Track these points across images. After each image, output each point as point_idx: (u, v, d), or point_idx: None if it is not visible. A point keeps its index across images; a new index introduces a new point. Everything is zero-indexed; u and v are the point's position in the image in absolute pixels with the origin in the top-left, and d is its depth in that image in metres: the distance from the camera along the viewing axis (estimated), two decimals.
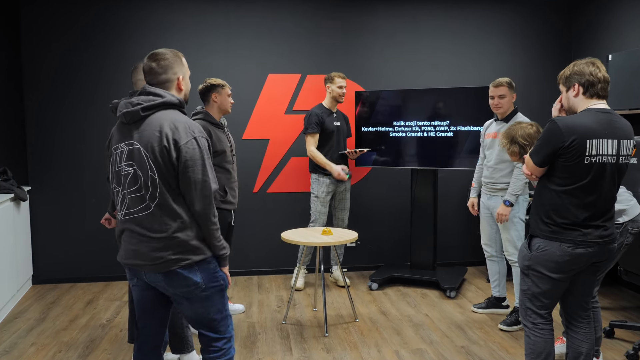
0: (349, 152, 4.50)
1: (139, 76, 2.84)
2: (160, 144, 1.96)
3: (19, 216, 4.35)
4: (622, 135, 2.26)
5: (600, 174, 2.24)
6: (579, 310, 2.48)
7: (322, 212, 4.49)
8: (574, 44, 5.24)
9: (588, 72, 2.28)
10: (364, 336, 3.56)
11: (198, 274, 2.06)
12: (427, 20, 5.08)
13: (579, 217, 2.26)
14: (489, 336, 3.54)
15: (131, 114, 2.01)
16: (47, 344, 3.45)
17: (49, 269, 4.76)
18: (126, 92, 4.69)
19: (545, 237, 2.32)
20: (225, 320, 2.19)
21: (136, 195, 2.02)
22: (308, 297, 4.36)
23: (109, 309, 4.11)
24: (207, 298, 2.10)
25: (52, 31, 4.62)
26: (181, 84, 2.11)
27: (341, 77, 4.44)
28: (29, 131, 4.65)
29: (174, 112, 2.04)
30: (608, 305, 4.10)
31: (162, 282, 2.06)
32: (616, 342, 3.40)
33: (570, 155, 2.22)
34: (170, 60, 2.07)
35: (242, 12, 4.83)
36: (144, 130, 1.99)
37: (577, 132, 2.20)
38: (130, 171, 2.01)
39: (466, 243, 5.26)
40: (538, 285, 2.37)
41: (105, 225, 2.98)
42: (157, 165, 1.97)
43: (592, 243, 2.27)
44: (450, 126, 4.37)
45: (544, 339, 2.39)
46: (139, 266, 2.06)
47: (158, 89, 2.05)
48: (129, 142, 2.02)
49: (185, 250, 2.02)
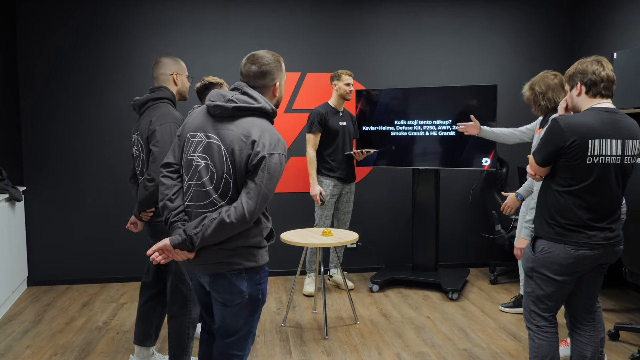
0: (355, 152, 4.45)
1: (161, 70, 2.80)
2: (242, 148, 1.94)
3: (13, 217, 4.35)
4: (627, 135, 2.25)
5: (603, 174, 2.23)
6: (583, 313, 2.48)
7: (326, 216, 4.44)
8: (577, 42, 5.25)
9: (591, 70, 2.28)
10: (364, 339, 3.57)
11: (245, 281, 2.03)
12: (429, 18, 5.08)
13: (582, 218, 2.25)
14: (491, 339, 3.54)
15: (221, 108, 1.98)
16: (42, 347, 3.45)
17: (44, 271, 4.76)
18: (123, 90, 4.72)
19: (549, 239, 2.32)
20: (247, 336, 2.14)
21: (201, 189, 1.99)
22: (308, 299, 4.37)
23: (106, 311, 4.11)
24: (242, 309, 2.07)
25: (48, 28, 4.62)
26: (277, 90, 2.10)
27: (348, 74, 4.40)
28: (24, 130, 4.66)
29: (265, 122, 2.01)
30: (613, 307, 4.11)
31: (208, 284, 2.07)
32: (621, 345, 3.41)
33: (571, 155, 2.22)
34: (272, 66, 2.06)
35: (240, 9, 4.84)
36: (230, 129, 1.97)
37: (578, 132, 2.20)
38: (202, 164, 1.99)
39: (468, 244, 5.27)
40: (542, 288, 2.37)
41: (131, 230, 2.89)
42: (233, 167, 1.95)
43: (597, 245, 2.27)
44: (453, 125, 4.38)
45: (548, 342, 2.39)
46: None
47: (255, 92, 2.03)
48: (209, 135, 2.00)
49: (238, 255, 2.00)
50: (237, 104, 1.97)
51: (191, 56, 4.77)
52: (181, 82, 2.86)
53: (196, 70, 4.76)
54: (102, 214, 4.78)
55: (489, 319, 3.91)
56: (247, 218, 1.90)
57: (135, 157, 2.80)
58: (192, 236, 1.92)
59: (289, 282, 4.82)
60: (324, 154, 4.42)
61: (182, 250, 1.97)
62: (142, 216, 2.76)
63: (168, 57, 2.85)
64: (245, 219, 1.90)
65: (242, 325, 2.10)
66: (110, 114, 4.74)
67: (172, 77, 2.81)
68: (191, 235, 1.93)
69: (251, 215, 1.91)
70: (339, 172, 4.42)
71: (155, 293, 3.01)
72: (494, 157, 4.28)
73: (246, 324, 2.10)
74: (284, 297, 4.45)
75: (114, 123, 4.74)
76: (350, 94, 4.41)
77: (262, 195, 1.92)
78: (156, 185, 2.60)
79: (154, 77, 2.82)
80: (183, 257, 1.99)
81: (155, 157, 2.61)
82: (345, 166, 4.45)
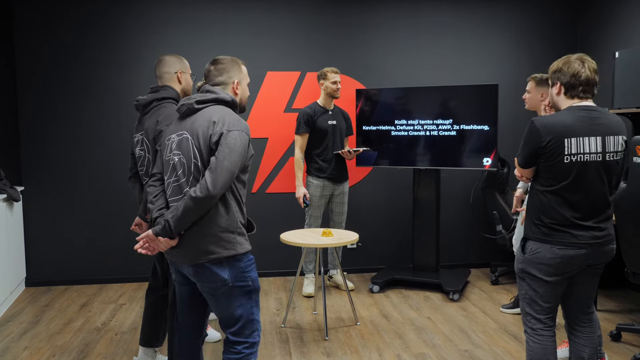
0: (343, 152, 4.40)
1: (165, 69, 2.79)
2: (205, 131, 2.10)
3: (11, 217, 4.35)
4: (606, 131, 2.26)
5: (582, 172, 2.24)
6: (579, 314, 2.47)
7: (316, 216, 4.43)
8: (580, 40, 5.24)
9: (571, 72, 2.29)
10: (365, 340, 3.57)
11: (226, 270, 2.12)
12: (430, 16, 5.08)
13: (566, 217, 2.26)
14: (492, 340, 3.54)
15: (186, 105, 2.19)
16: (40, 348, 3.45)
17: (42, 271, 4.76)
18: (122, 89, 4.72)
19: (536, 240, 2.34)
20: (250, 324, 2.22)
21: (176, 184, 2.15)
22: (307, 300, 4.37)
23: (104, 312, 4.11)
24: (233, 297, 2.16)
25: (46, 28, 4.62)
26: (236, 88, 2.29)
27: (334, 72, 4.35)
28: (22, 130, 4.66)
29: (226, 109, 2.19)
30: (614, 308, 4.11)
31: (192, 275, 2.17)
32: (623, 346, 3.41)
33: (549, 155, 2.24)
34: (228, 65, 2.27)
35: (240, 7, 4.84)
36: (195, 120, 2.16)
37: (554, 132, 2.22)
38: (176, 159, 2.16)
39: (469, 244, 5.27)
40: (534, 289, 2.37)
41: (136, 232, 2.89)
42: (199, 152, 2.10)
43: (584, 245, 2.27)
44: (454, 125, 4.38)
45: (542, 345, 2.37)
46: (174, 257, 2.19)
47: (214, 87, 2.24)
48: (180, 133, 2.19)
49: (215, 242, 2.10)
50: (198, 98, 2.19)
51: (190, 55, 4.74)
52: (185, 81, 2.86)
53: (195, 70, 4.73)
54: (100, 214, 4.78)
55: (490, 319, 3.91)
56: (210, 190, 2.00)
57: (139, 157, 2.79)
58: (169, 219, 2.07)
59: (289, 283, 4.83)
60: (313, 153, 4.40)
61: (164, 238, 2.09)
62: (147, 217, 2.75)
63: (172, 56, 2.84)
64: (209, 192, 2.01)
65: (240, 314, 2.19)
66: (108, 114, 4.74)
67: (176, 75, 2.81)
68: (167, 219, 2.07)
69: (214, 187, 2.01)
70: (328, 172, 4.39)
71: (161, 295, 3.01)
72: (495, 157, 4.28)
73: (244, 312, 2.19)
74: (284, 297, 4.45)
75: (113, 123, 4.75)
76: (338, 92, 4.37)
77: (224, 168, 2.03)
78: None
79: (158, 75, 2.81)
80: (166, 246, 2.12)
81: None
82: (335, 166, 4.42)
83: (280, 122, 4.93)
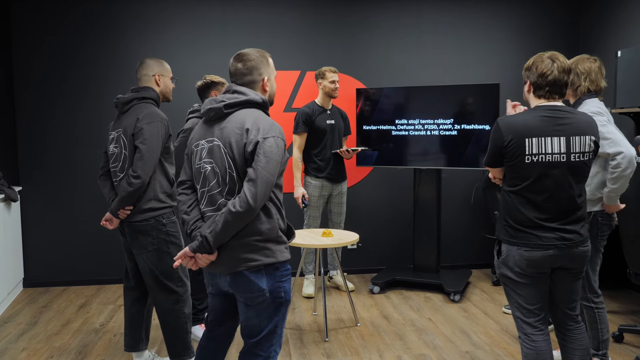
0: (342, 151, 4.40)
1: (144, 72, 2.89)
2: (238, 139, 2.00)
3: (9, 217, 4.35)
4: (572, 131, 2.23)
5: (545, 173, 2.23)
6: (565, 319, 2.44)
7: (315, 217, 4.44)
8: (581, 39, 5.25)
9: (539, 72, 2.27)
10: (365, 341, 3.57)
11: (264, 279, 2.05)
12: (430, 15, 5.08)
13: (528, 217, 2.25)
14: (494, 341, 3.54)
15: (214, 110, 2.07)
16: (38, 349, 3.45)
17: (40, 272, 4.76)
18: (120, 87, 4.72)
19: (505, 242, 2.34)
20: (271, 337, 2.12)
21: (210, 194, 2.07)
22: (307, 301, 4.37)
23: (103, 313, 4.11)
24: (264, 308, 2.08)
25: (44, 27, 4.62)
26: (266, 85, 2.17)
27: (332, 71, 4.35)
28: (19, 129, 4.66)
29: (257, 111, 2.08)
30: (617, 309, 4.11)
31: (229, 285, 2.09)
32: (625, 347, 3.41)
33: (510, 154, 2.24)
34: (257, 61, 2.13)
35: (239, 6, 4.84)
36: (225, 126, 2.05)
37: (515, 132, 2.23)
38: (208, 168, 2.06)
39: (471, 245, 5.27)
40: (516, 292, 2.36)
41: (106, 227, 2.90)
42: (234, 161, 2.01)
43: (549, 246, 2.25)
44: (455, 124, 4.38)
45: (535, 351, 2.35)
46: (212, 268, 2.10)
47: (243, 87, 2.11)
48: (209, 139, 2.07)
49: (254, 250, 2.03)
50: (226, 101, 2.06)
51: (189, 55, 4.77)
52: (164, 84, 2.93)
53: (194, 69, 4.77)
54: (99, 214, 4.78)
55: (491, 321, 3.91)
56: (251, 204, 1.92)
57: (112, 154, 2.86)
58: (207, 235, 1.98)
59: None
60: (311, 153, 4.41)
61: (202, 254, 2.01)
62: (119, 213, 2.77)
63: (152, 59, 2.93)
64: (250, 206, 1.92)
65: (266, 325, 2.10)
66: (107, 113, 4.74)
67: (154, 78, 2.89)
68: (205, 235, 1.98)
69: (255, 201, 1.93)
70: (327, 172, 4.39)
71: (139, 295, 3.03)
72: None
73: (269, 324, 2.10)
74: None
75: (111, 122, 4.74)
76: (336, 91, 4.37)
77: (263, 179, 1.95)
78: (142, 182, 2.68)
79: (138, 77, 2.91)
80: (205, 262, 2.04)
81: (142, 155, 2.69)
82: (334, 165, 4.42)
83: (279, 121, 4.93)
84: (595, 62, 2.87)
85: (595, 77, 2.88)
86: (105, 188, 2.94)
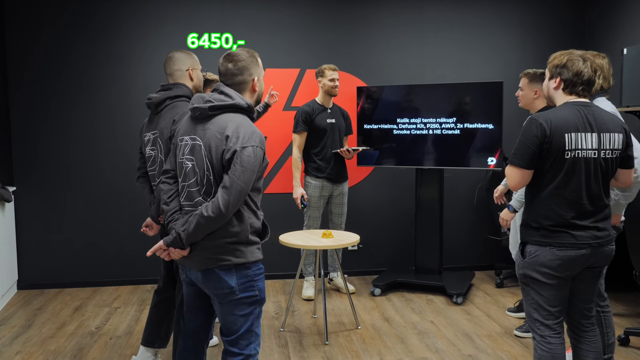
0: (342, 151, 4.39)
1: (177, 66, 2.76)
2: (218, 144, 2.07)
3: (3, 218, 4.35)
4: (603, 128, 2.26)
5: (579, 169, 2.24)
6: (580, 319, 2.46)
7: (315, 217, 4.44)
8: (587, 36, 5.25)
9: (575, 70, 2.29)
10: (366, 344, 3.57)
11: (234, 277, 2.12)
12: (433, 12, 5.08)
13: (563, 216, 2.26)
14: (497, 344, 3.54)
15: (200, 110, 2.13)
16: (33, 353, 3.45)
17: (34, 274, 4.76)
18: (116, 88, 4.72)
19: (535, 243, 2.33)
20: (248, 336, 2.19)
21: (190, 190, 2.15)
22: (307, 304, 4.37)
23: (98, 316, 4.11)
24: (237, 305, 2.15)
25: (38, 25, 4.62)
26: (256, 85, 2.23)
27: (332, 69, 4.35)
28: (13, 129, 4.66)
29: (241, 116, 2.13)
30: (622, 311, 4.11)
31: (200, 281, 2.18)
32: (631, 351, 3.41)
33: (552, 151, 2.24)
34: (247, 62, 2.19)
35: (238, 3, 4.84)
36: (208, 128, 2.11)
37: (555, 127, 2.23)
38: (189, 165, 2.14)
39: (474, 246, 5.27)
40: (539, 293, 2.37)
41: (146, 234, 2.88)
42: (211, 165, 2.09)
43: (583, 245, 2.27)
44: (458, 123, 4.38)
45: (551, 354, 2.36)
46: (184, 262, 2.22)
47: (230, 90, 2.16)
48: (193, 137, 2.15)
49: (225, 251, 2.11)
50: (213, 103, 2.12)
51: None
52: (197, 77, 2.83)
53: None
54: (95, 215, 4.78)
55: (494, 323, 3.91)
56: (222, 211, 2.01)
57: (149, 156, 2.77)
58: (180, 233, 2.09)
59: (288, 286, 4.83)
60: (311, 153, 4.41)
61: (175, 249, 2.12)
62: (160, 219, 2.74)
63: (180, 52, 2.82)
64: (221, 212, 2.01)
65: (242, 324, 2.18)
66: (102, 113, 4.74)
67: (188, 72, 2.79)
68: (179, 232, 2.09)
69: (226, 208, 2.02)
70: (327, 172, 4.39)
71: (167, 297, 3.02)
72: (499, 157, 4.28)
73: (246, 322, 2.18)
74: (283, 301, 4.45)
75: (106, 122, 4.75)
76: (336, 90, 4.37)
77: (237, 188, 2.02)
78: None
79: (168, 73, 2.79)
80: (178, 255, 2.15)
81: None
82: (334, 165, 4.41)
83: (279, 120, 4.93)
84: (604, 59, 2.88)
85: (607, 75, 2.89)
86: (144, 191, 2.90)
